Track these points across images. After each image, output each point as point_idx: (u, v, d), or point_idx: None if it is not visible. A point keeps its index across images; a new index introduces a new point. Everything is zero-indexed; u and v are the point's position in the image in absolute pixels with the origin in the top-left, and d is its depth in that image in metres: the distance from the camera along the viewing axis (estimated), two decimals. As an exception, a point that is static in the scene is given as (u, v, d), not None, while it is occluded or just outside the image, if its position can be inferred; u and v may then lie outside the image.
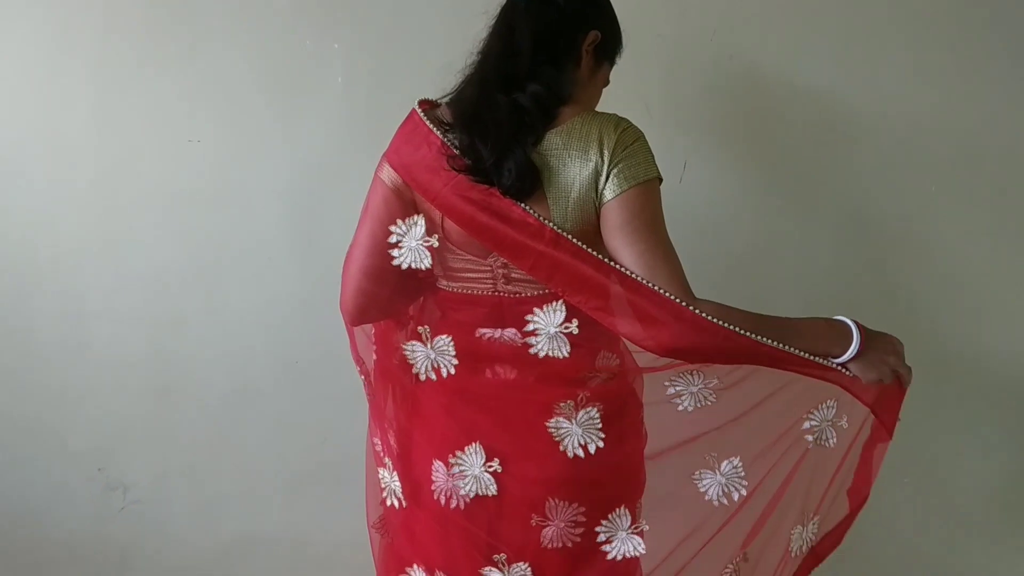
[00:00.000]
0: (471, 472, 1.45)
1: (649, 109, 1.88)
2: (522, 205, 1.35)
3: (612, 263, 1.34)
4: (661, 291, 1.32)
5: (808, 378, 1.42)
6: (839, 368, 1.40)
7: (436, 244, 1.42)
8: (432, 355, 1.46)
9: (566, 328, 1.40)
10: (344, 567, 2.19)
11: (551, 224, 1.34)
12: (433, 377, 1.46)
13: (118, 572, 2.24)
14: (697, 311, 1.32)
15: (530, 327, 1.41)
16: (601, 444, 1.42)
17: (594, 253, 1.34)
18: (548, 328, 1.40)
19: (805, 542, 1.59)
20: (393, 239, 1.43)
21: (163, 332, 2.14)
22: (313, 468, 2.19)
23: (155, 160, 2.07)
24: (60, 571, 2.24)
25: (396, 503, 1.56)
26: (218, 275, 2.11)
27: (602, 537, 1.46)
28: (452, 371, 1.45)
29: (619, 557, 1.47)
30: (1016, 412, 2.09)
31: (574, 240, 1.34)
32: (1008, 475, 2.14)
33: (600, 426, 1.43)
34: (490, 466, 1.44)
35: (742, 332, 1.33)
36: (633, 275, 1.33)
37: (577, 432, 1.42)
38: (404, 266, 1.43)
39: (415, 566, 1.55)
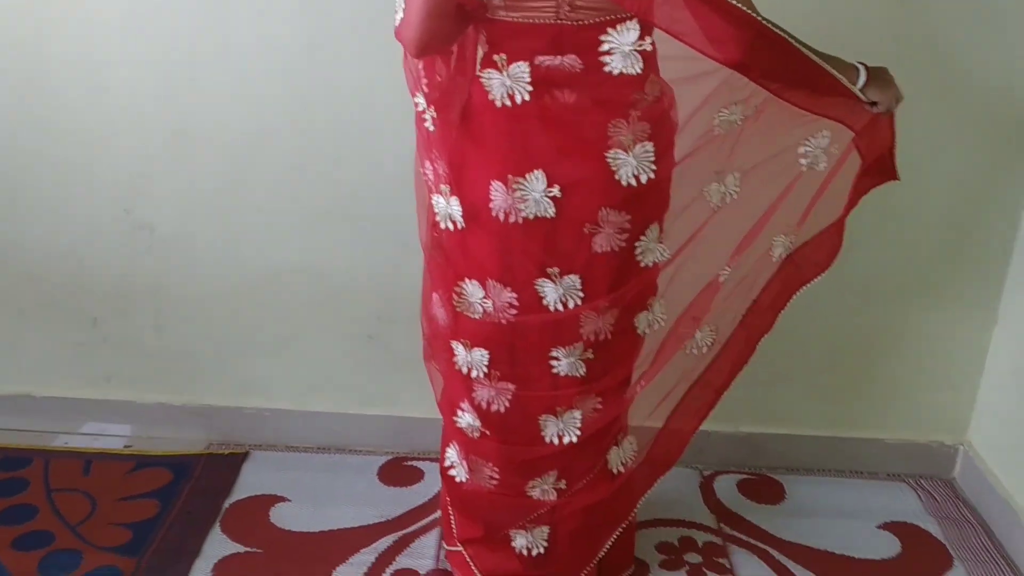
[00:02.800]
0: (531, 196, 1.57)
1: None
2: None
3: None
4: (736, 3, 1.42)
5: (810, 114, 1.64)
6: (859, 93, 1.60)
7: None
8: (508, 82, 1.53)
9: (640, 46, 1.50)
10: (360, 293, 2.37)
11: None
12: (508, 104, 1.54)
13: (152, 303, 2.40)
14: (770, 25, 1.46)
15: (605, 47, 1.50)
16: (652, 176, 1.57)
17: None
18: (623, 47, 1.50)
19: (785, 249, 1.81)
20: None
21: (176, 76, 2.20)
22: (326, 205, 2.30)
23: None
24: (98, 304, 2.41)
25: (451, 226, 1.68)
26: (226, 18, 2.15)
27: (639, 251, 1.65)
28: (527, 97, 1.53)
29: (650, 264, 1.68)
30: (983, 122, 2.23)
31: None
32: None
33: (653, 159, 1.56)
34: (550, 191, 1.56)
35: (799, 46, 1.50)
36: None
37: (632, 163, 1.56)
38: None
39: (466, 279, 1.69)
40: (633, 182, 1.56)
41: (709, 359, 1.89)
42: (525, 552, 1.88)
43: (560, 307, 1.65)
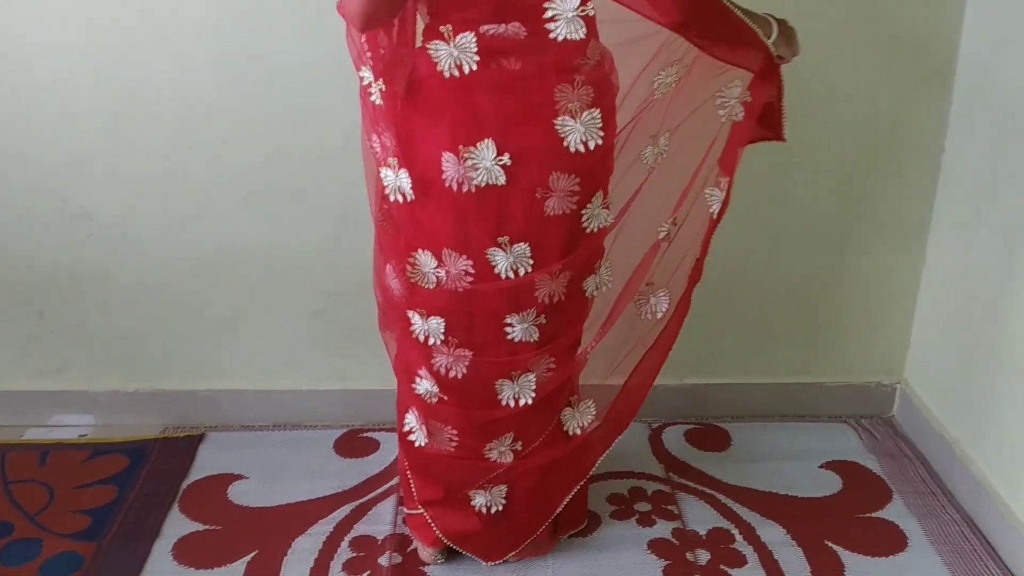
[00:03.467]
0: (482, 165, 1.61)
1: None
2: None
3: None
4: None
5: (727, 65, 1.71)
6: (771, 47, 1.69)
7: None
8: (455, 53, 1.56)
9: (583, 11, 1.54)
10: (304, 269, 2.39)
11: None
12: (456, 74, 1.57)
13: (99, 291, 2.39)
14: None
15: (549, 14, 1.53)
16: (600, 142, 1.61)
17: None
18: (566, 13, 1.53)
19: (719, 203, 1.86)
20: None
21: (108, 60, 2.18)
22: (265, 183, 2.30)
23: None
24: (44, 295, 2.40)
25: (400, 198, 1.70)
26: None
27: (585, 217, 1.69)
28: (474, 67, 1.56)
29: (595, 230, 1.72)
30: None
31: None
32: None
33: (600, 125, 1.61)
34: (500, 159, 1.59)
35: (726, 2, 1.59)
36: None
37: (580, 130, 1.60)
38: None
39: (419, 250, 1.72)
40: (581, 148, 1.61)
41: (663, 325, 1.94)
42: (484, 510, 1.94)
43: (511, 275, 1.69)
